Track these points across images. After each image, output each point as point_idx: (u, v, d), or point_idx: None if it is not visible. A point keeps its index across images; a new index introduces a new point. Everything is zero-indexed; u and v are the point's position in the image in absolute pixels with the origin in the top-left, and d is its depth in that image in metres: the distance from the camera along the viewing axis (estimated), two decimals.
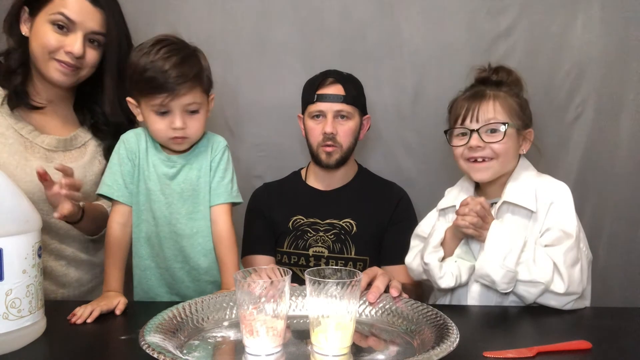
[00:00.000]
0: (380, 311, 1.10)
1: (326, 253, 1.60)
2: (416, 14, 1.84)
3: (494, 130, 1.31)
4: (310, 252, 1.61)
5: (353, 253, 1.59)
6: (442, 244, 1.34)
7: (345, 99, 1.58)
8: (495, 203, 1.34)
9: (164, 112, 1.26)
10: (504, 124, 1.30)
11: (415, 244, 1.45)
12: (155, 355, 0.84)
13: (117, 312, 1.18)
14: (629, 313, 1.25)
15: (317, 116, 1.60)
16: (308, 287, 0.94)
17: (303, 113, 1.66)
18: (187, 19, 1.87)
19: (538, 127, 1.83)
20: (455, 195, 1.43)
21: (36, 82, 1.40)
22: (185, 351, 0.95)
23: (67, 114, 1.47)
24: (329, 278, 0.96)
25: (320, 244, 1.61)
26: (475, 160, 1.34)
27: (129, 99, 1.32)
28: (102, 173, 1.41)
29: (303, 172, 1.76)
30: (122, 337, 1.05)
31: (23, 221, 0.99)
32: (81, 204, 1.32)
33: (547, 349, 0.95)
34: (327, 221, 1.63)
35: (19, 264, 0.97)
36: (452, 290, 1.36)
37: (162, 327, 0.97)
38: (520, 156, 1.39)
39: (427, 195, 1.80)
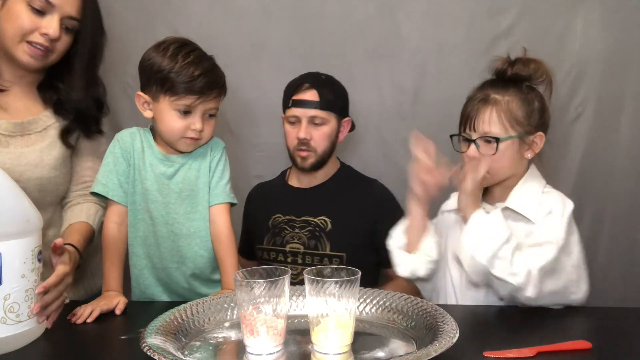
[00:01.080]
0: (379, 308, 1.11)
1: (302, 249, 1.64)
2: (416, 13, 1.84)
3: (488, 141, 1.29)
4: (287, 248, 1.65)
5: (328, 249, 1.62)
6: (407, 231, 1.36)
7: (319, 105, 1.60)
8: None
9: (186, 112, 1.28)
10: (496, 139, 1.27)
11: None
12: (156, 357, 0.84)
13: (117, 311, 1.18)
14: (629, 313, 1.25)
15: (293, 121, 1.64)
16: (307, 286, 0.94)
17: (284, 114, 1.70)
18: (187, 19, 1.87)
19: None
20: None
21: (2, 62, 1.35)
22: (186, 352, 0.95)
23: (31, 95, 1.41)
24: (328, 277, 0.96)
25: (296, 241, 1.65)
26: None
27: (140, 93, 1.32)
28: (64, 157, 1.40)
29: (288, 172, 1.80)
30: (122, 337, 1.05)
31: (23, 222, 0.98)
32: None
33: (547, 349, 0.95)
34: (303, 218, 1.67)
35: (18, 268, 0.95)
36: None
37: (163, 329, 0.97)
38: (531, 164, 1.36)
39: None
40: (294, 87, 1.64)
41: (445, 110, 1.46)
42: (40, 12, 1.28)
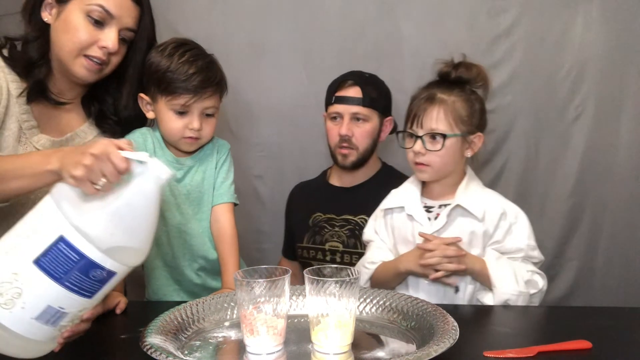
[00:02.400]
0: (380, 308, 1.11)
1: (341, 247, 1.65)
2: (416, 14, 1.85)
3: (434, 137, 1.32)
4: (327, 246, 1.66)
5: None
6: (382, 270, 1.37)
7: (362, 102, 1.61)
8: (445, 205, 1.36)
9: (182, 112, 1.28)
10: (443, 135, 1.31)
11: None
12: (156, 357, 0.84)
13: (118, 311, 1.18)
14: (629, 313, 1.25)
15: (335, 118, 1.64)
16: (307, 286, 0.94)
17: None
18: (187, 19, 1.87)
19: (538, 127, 1.84)
20: (401, 195, 1.43)
21: (55, 74, 1.29)
22: (186, 352, 0.95)
23: (75, 109, 1.37)
24: (329, 277, 0.96)
25: (335, 239, 1.66)
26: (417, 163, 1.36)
27: (141, 95, 1.32)
28: None
29: (329, 171, 1.80)
30: (123, 336, 1.05)
31: (147, 251, 0.92)
32: None
33: (548, 349, 0.95)
34: (343, 217, 1.67)
35: (111, 289, 0.90)
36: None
37: (163, 328, 0.97)
38: (468, 166, 1.41)
39: None
40: (337, 84, 1.64)
41: None
42: (99, 24, 1.22)
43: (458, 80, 1.37)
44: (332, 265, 0.99)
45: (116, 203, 0.85)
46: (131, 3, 1.26)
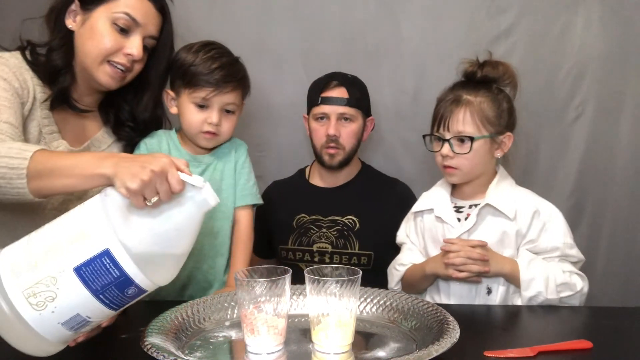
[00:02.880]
0: (380, 308, 1.11)
1: (330, 248, 1.65)
2: (416, 14, 1.85)
3: (462, 140, 1.32)
4: (315, 247, 1.66)
5: (357, 248, 1.63)
6: (411, 272, 1.38)
7: (348, 102, 1.61)
8: (475, 205, 1.35)
9: (203, 106, 1.31)
10: (470, 138, 1.30)
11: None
12: (157, 356, 0.84)
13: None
14: (629, 313, 1.25)
15: (321, 118, 1.64)
16: (308, 285, 0.94)
17: (308, 114, 1.69)
18: (187, 19, 1.86)
19: (538, 127, 1.84)
20: (431, 198, 1.43)
21: (77, 81, 1.29)
22: (187, 351, 0.95)
23: (93, 115, 1.37)
24: (329, 276, 0.96)
25: (323, 240, 1.65)
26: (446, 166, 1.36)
27: (167, 90, 1.35)
28: None
29: (307, 171, 1.79)
30: (123, 336, 1.05)
31: (177, 273, 0.92)
32: None
33: (548, 349, 0.95)
34: (330, 218, 1.67)
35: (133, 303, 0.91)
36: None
37: (164, 328, 0.98)
38: (499, 165, 1.41)
39: None
40: (322, 84, 1.64)
41: None
42: (124, 31, 1.23)
43: (484, 79, 1.35)
44: (333, 265, 0.99)
45: (166, 226, 0.85)
46: (155, 11, 1.27)
